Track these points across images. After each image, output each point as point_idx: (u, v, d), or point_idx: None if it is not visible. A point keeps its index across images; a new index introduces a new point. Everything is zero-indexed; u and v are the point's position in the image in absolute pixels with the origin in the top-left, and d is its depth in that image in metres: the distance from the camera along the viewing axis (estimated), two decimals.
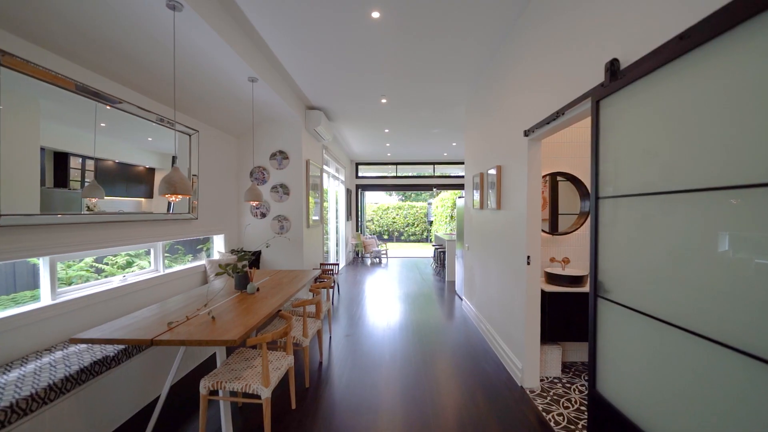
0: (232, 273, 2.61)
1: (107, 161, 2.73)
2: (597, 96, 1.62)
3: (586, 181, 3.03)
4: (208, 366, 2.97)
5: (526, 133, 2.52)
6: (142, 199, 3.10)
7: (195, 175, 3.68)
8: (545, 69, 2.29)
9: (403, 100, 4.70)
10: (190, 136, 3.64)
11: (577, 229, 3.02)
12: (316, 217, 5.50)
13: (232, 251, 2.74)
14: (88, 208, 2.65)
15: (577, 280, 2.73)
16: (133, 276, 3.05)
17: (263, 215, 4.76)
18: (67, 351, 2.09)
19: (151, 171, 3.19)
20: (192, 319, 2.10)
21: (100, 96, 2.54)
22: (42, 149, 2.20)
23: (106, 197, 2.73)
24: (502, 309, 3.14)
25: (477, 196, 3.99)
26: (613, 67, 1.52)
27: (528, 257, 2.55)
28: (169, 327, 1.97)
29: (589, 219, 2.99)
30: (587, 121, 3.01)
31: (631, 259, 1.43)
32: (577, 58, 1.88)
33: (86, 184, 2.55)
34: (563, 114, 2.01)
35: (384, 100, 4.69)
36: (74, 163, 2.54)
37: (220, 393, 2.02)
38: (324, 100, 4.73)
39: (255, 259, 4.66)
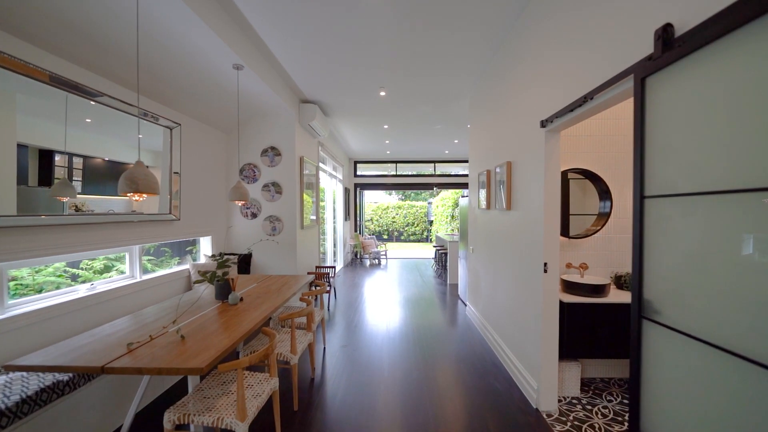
0: (213, 281, 2.32)
1: (96, 159, 2.56)
2: (642, 72, 1.32)
3: (607, 177, 2.73)
4: (180, 390, 2.59)
5: (543, 124, 2.22)
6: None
7: (177, 173, 3.38)
8: (567, 50, 1.99)
9: (402, 93, 4.40)
10: (171, 129, 3.33)
11: (596, 231, 2.72)
12: (312, 218, 5.21)
13: (212, 257, 2.45)
14: (77, 208, 2.43)
15: (598, 290, 2.44)
16: (104, 284, 2.75)
17: (254, 216, 4.46)
18: (12, 375, 1.79)
19: None
20: (157, 338, 1.80)
21: (80, 89, 2.32)
22: (25, 147, 2.07)
23: (95, 196, 2.52)
24: (512, 320, 2.84)
25: (483, 195, 3.70)
26: (666, 34, 1.22)
27: (545, 264, 2.26)
28: (129, 349, 1.67)
29: (610, 221, 2.70)
30: (609, 112, 2.72)
31: (691, 273, 1.13)
32: (613, 30, 1.58)
33: (71, 181, 2.36)
34: (591, 99, 1.71)
35: (383, 93, 4.39)
36: (66, 162, 2.38)
37: (191, 428, 1.72)
38: (319, 92, 4.43)
39: (245, 262, 4.36)
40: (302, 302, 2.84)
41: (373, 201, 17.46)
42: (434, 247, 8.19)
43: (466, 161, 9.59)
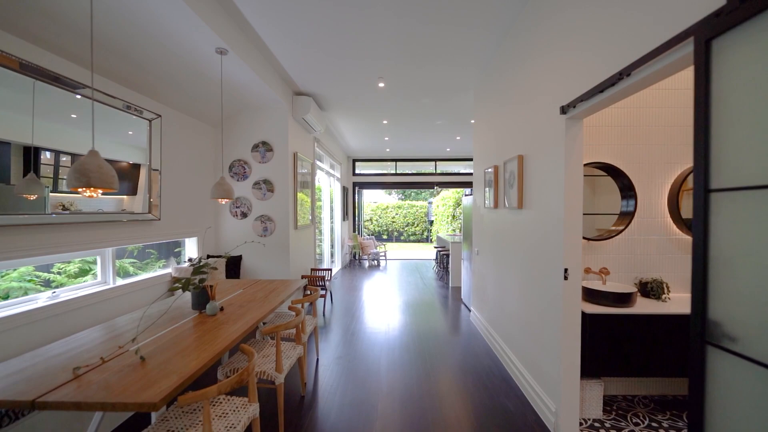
0: (187, 288, 2.04)
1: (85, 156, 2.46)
2: (707, 32, 1.04)
3: (631, 173, 2.45)
4: (144, 417, 2.21)
5: (564, 110, 1.94)
6: (124, 197, 2.85)
7: (156, 170, 3.10)
8: (596, 21, 1.71)
9: (402, 83, 4.12)
10: (150, 121, 3.05)
11: (619, 232, 2.45)
12: (308, 218, 4.93)
13: (189, 261, 2.17)
14: (64, 207, 2.27)
15: (623, 299, 2.16)
16: (70, 291, 2.47)
17: (244, 215, 4.18)
18: None
19: (136, 167, 2.99)
20: (111, 360, 1.52)
21: (61, 81, 2.17)
22: (7, 144, 1.99)
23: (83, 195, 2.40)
24: (525, 332, 2.57)
25: (490, 193, 3.42)
26: None
27: (566, 270, 1.98)
28: (75, 375, 1.40)
29: (633, 221, 2.43)
30: (633, 100, 2.44)
31: None
32: None
33: (58, 180, 2.24)
34: (628, 75, 1.44)
35: (381, 84, 4.11)
36: (53, 159, 2.25)
37: None
38: (313, 83, 4.15)
39: (235, 265, 4.08)
40: (292, 311, 2.56)
41: (373, 201, 17.21)
42: (435, 248, 7.92)
43: (469, 159, 9.32)
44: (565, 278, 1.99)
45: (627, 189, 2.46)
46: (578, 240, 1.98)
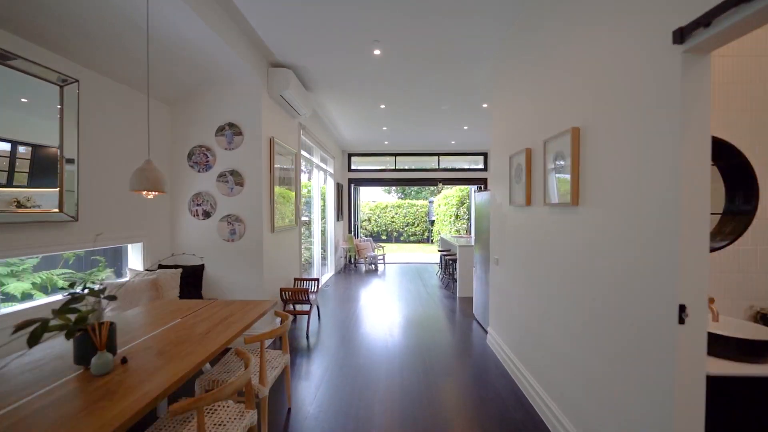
0: (40, 337, 1.22)
1: (49, 148, 2.20)
2: None
3: (748, 151, 1.64)
4: None
5: (682, 37, 1.13)
6: None
7: (70, 160, 2.28)
8: None
9: (402, 50, 3.30)
10: (61, 87, 2.24)
11: (734, 240, 1.64)
12: (291, 218, 4.11)
13: (70, 286, 1.37)
14: (18, 203, 2.01)
15: (755, 351, 1.36)
16: None
17: (207, 215, 3.37)
18: None
19: None
20: None
21: None
22: None
23: (46, 189, 2.16)
24: (589, 388, 1.76)
25: (518, 185, 2.62)
26: None
27: (682, 308, 1.18)
28: None
29: (752, 226, 1.62)
30: (746, 43, 1.63)
31: None
32: None
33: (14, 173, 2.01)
34: None
35: (377, 51, 3.30)
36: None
37: None
38: (294, 51, 3.33)
39: (196, 277, 3.28)
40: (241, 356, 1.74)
41: (371, 200, 16.44)
42: (439, 251, 7.11)
43: (476, 153, 8.53)
44: (681, 321, 1.18)
45: (740, 177, 1.65)
46: (704, 258, 1.18)
